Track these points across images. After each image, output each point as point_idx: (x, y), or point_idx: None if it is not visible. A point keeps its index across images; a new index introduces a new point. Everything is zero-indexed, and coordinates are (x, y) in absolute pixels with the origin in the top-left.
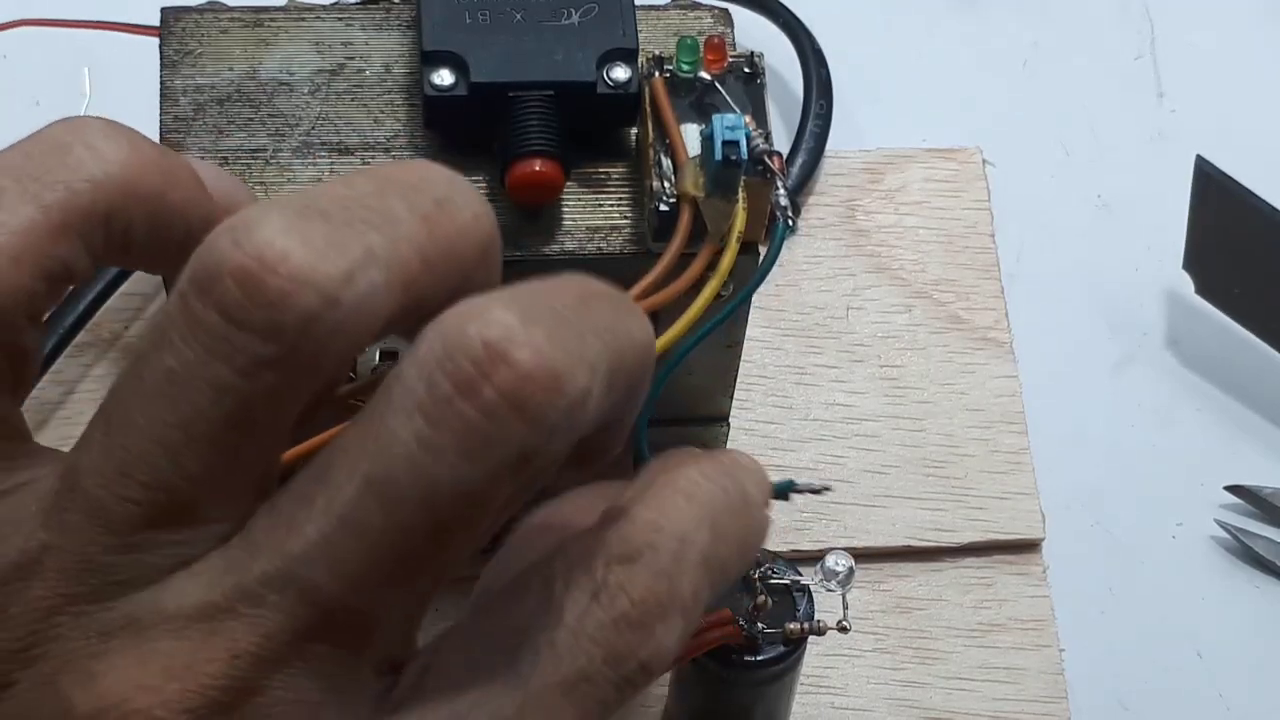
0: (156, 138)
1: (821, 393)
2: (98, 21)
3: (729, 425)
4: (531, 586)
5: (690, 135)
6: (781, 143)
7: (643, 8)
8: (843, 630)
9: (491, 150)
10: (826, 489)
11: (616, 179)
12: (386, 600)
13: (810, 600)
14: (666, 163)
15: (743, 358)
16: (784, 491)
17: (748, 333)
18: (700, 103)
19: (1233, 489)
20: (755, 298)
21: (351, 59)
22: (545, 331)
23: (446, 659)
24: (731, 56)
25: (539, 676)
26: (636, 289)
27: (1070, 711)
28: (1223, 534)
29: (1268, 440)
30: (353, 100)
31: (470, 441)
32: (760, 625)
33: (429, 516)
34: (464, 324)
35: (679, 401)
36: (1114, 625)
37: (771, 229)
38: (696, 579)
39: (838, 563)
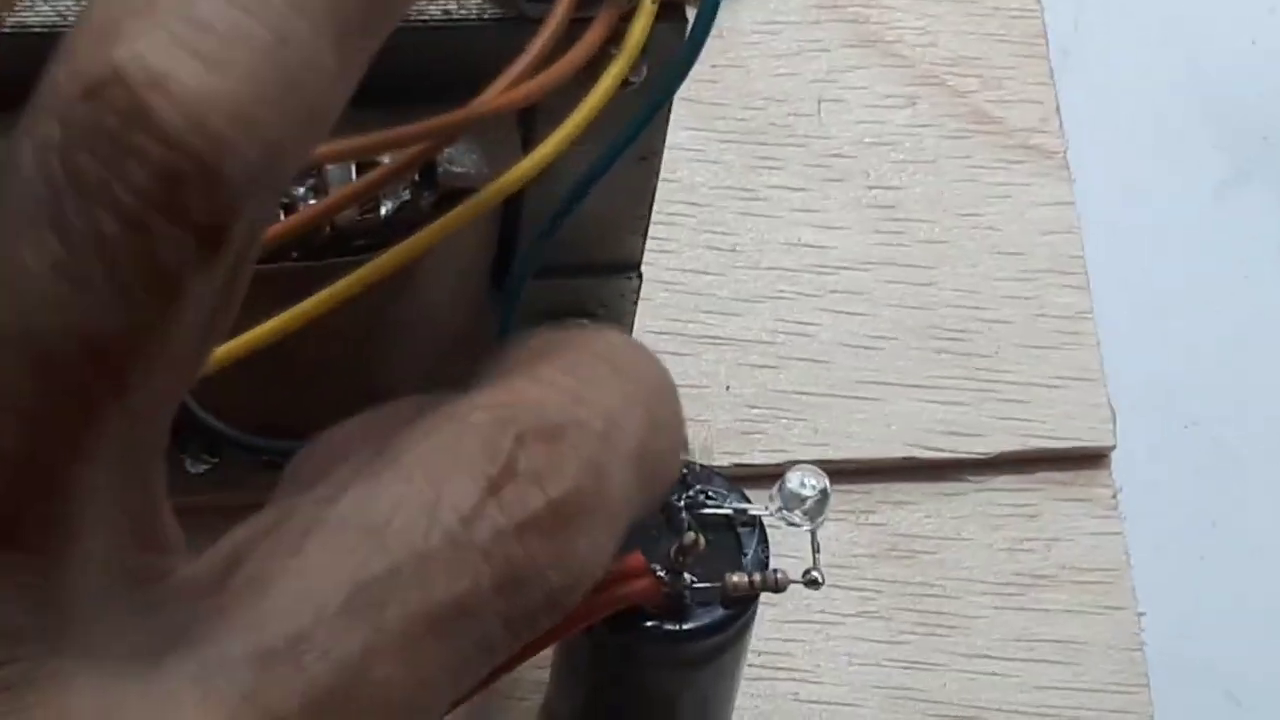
0: None
1: (780, 228)
2: None
3: (640, 277)
4: (388, 471)
5: None
6: None
7: None
8: (812, 585)
9: None
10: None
11: None
12: (73, 481)
13: (763, 540)
14: None
15: (661, 174)
16: None
17: (670, 138)
18: None
19: None
20: (682, 87)
21: None
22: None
23: (265, 565)
24: None
25: (397, 605)
26: (503, 78)
27: (1154, 705)
28: None
29: None
30: None
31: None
32: (688, 577)
33: (74, 352)
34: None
35: (567, 242)
36: (1217, 578)
37: None
38: (627, 481)
39: (804, 484)
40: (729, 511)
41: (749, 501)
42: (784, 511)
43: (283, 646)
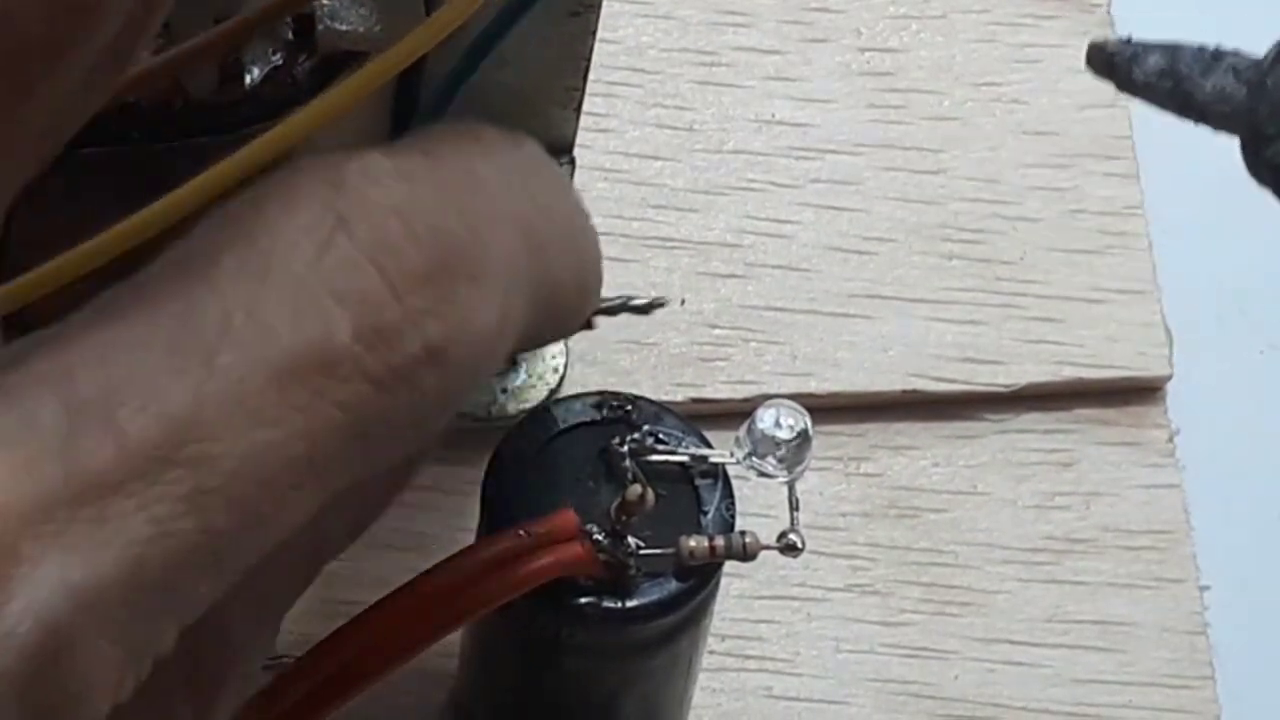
0: None
1: (750, 100)
2: None
3: (573, 163)
4: (230, 216)
5: None
6: None
7: None
8: (790, 551)
9: None
10: (658, 304)
11: None
12: None
13: (727, 495)
14: None
15: (599, 33)
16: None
17: None
18: None
19: None
20: None
21: None
22: None
23: (77, 320)
24: None
25: (231, 351)
26: None
27: (1220, 702)
28: None
29: None
30: None
31: None
32: (633, 542)
33: None
34: None
35: (484, 119)
36: None
37: None
38: (513, 243)
39: (780, 424)
40: (684, 459)
41: (709, 446)
42: (754, 459)
43: (95, 396)
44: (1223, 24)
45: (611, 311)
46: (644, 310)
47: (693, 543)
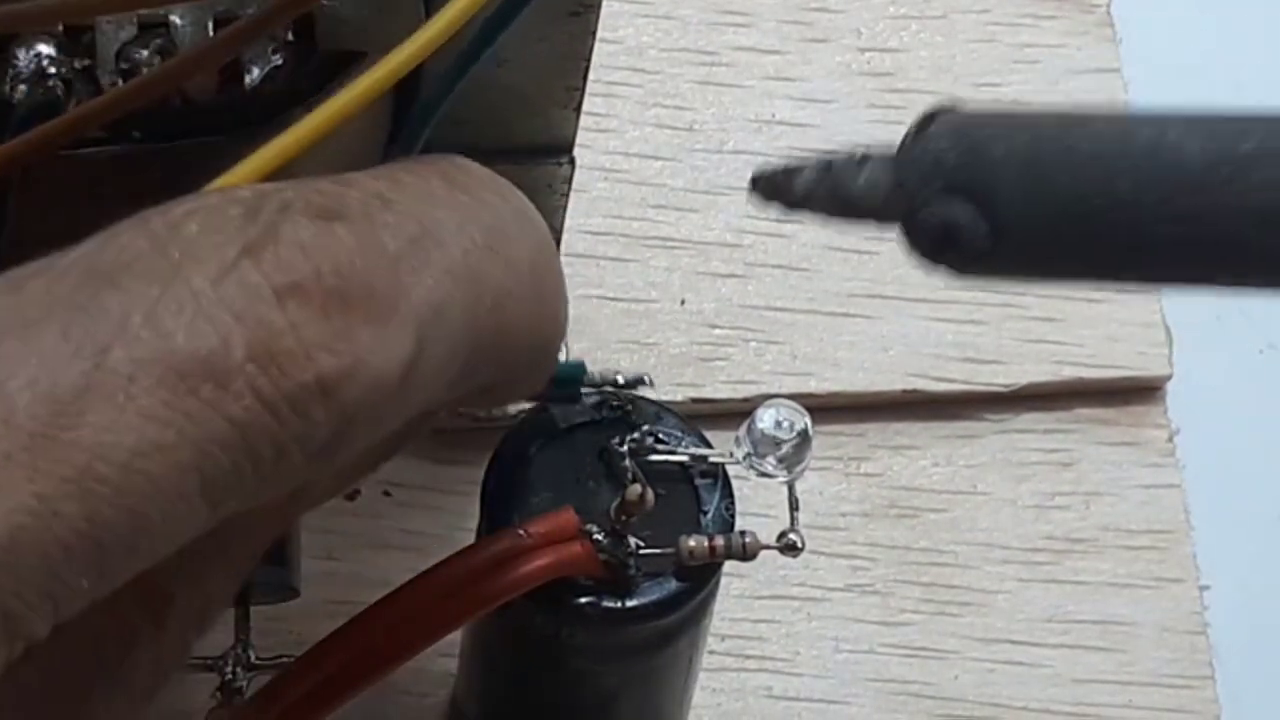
0: None
1: (750, 100)
2: None
3: (572, 163)
4: (133, 228)
5: None
6: None
7: None
8: (790, 551)
9: None
10: (639, 382)
11: None
12: None
13: (727, 495)
14: None
15: (599, 33)
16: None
17: None
18: None
19: None
20: None
21: None
22: None
23: None
24: None
25: (124, 346)
26: None
27: (1220, 702)
28: None
29: None
30: None
31: None
32: (633, 542)
33: None
34: None
35: (480, 119)
36: None
37: None
38: (443, 291)
39: (780, 424)
40: (684, 459)
41: (709, 446)
42: (754, 459)
43: None
44: (1223, 24)
45: (595, 386)
46: (629, 386)
47: (693, 543)
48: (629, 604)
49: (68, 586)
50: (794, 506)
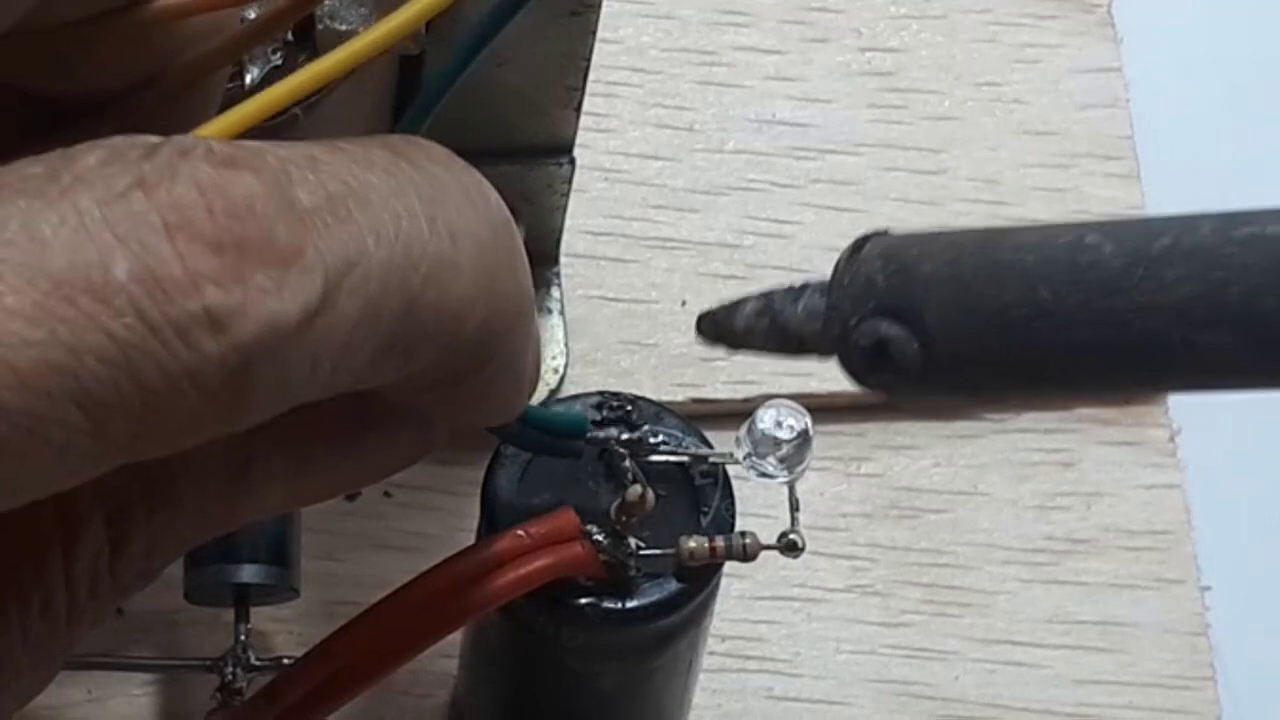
0: None
1: (750, 100)
2: None
3: (573, 163)
4: (47, 155)
5: None
6: None
7: None
8: (790, 551)
9: None
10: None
11: None
12: None
13: (727, 496)
14: None
15: (600, 33)
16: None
17: None
18: None
19: None
20: None
21: None
22: None
23: None
24: None
25: (8, 245)
26: None
27: (1221, 703)
28: None
29: None
30: None
31: None
32: (633, 542)
33: None
34: None
35: (481, 120)
36: None
37: None
38: (360, 247)
39: (780, 424)
40: (685, 459)
41: (710, 446)
42: (754, 459)
43: None
44: (1223, 24)
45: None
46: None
47: (693, 543)
48: (629, 605)
49: None
50: (794, 507)
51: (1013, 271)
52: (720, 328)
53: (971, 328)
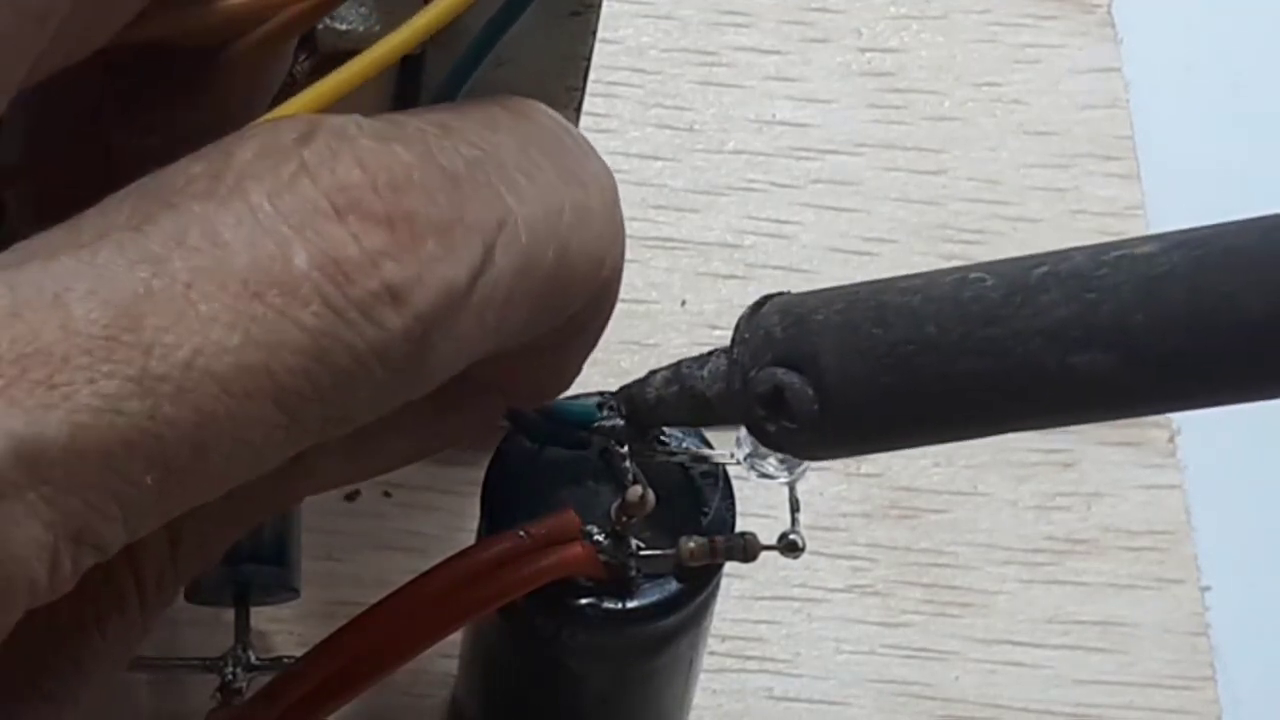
0: None
1: (751, 100)
2: None
3: None
4: (201, 155)
5: None
6: None
7: None
8: (790, 551)
9: None
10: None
11: None
12: None
13: (727, 496)
14: None
15: (599, 33)
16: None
17: None
18: None
19: None
20: None
21: None
22: None
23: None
24: None
25: (187, 257)
26: None
27: (1221, 703)
28: None
29: None
30: None
31: None
32: (633, 543)
33: None
34: None
35: None
36: None
37: None
38: (506, 206)
39: None
40: (685, 459)
41: (710, 446)
42: (755, 459)
43: (42, 281)
44: (1223, 24)
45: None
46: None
47: (693, 544)
48: (629, 605)
49: (132, 485)
50: (795, 507)
51: (900, 312)
52: (633, 400)
53: (864, 369)
